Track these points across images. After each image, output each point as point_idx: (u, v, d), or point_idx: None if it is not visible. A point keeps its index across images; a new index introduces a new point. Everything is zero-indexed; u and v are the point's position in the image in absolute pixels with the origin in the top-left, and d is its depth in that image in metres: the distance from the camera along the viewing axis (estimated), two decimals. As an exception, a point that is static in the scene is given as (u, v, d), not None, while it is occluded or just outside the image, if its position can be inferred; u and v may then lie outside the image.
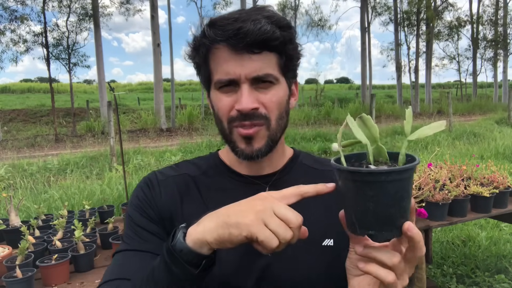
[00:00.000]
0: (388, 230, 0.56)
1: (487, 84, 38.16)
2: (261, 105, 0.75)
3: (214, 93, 0.78)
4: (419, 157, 0.58)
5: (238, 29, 0.69)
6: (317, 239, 0.79)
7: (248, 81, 0.73)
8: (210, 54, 0.75)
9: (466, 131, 10.51)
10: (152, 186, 0.83)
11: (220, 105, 0.76)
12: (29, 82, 39.47)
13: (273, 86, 0.76)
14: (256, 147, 0.76)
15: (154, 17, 13.83)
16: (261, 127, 0.75)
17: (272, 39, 0.71)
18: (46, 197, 4.76)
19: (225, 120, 0.77)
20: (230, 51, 0.72)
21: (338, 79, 74.88)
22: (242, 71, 0.72)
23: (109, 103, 7.85)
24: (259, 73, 0.73)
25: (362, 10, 21.18)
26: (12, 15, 13.56)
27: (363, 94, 20.48)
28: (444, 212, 2.17)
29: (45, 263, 1.52)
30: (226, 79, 0.74)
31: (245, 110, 0.73)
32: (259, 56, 0.72)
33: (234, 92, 0.75)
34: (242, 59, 0.72)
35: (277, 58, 0.75)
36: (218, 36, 0.71)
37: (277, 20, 0.72)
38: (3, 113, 18.23)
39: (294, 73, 0.82)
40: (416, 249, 0.57)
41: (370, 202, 0.54)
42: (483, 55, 27.03)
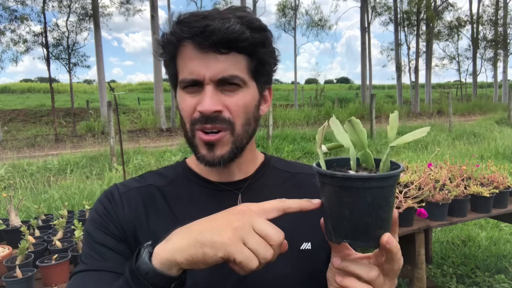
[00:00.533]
0: (364, 240, 0.54)
1: (487, 84, 38.16)
2: (225, 108, 0.70)
3: (179, 93, 0.74)
4: (403, 165, 0.55)
5: (205, 26, 0.66)
6: (295, 243, 0.76)
7: (213, 83, 0.69)
8: (177, 52, 0.72)
9: (466, 131, 10.51)
10: (113, 199, 0.76)
11: (183, 106, 0.73)
12: (29, 82, 39.47)
13: (240, 89, 0.71)
14: (218, 154, 0.71)
15: (154, 17, 13.83)
16: (225, 132, 0.71)
17: (240, 40, 0.67)
18: (46, 197, 4.76)
19: (188, 122, 0.73)
20: (196, 50, 0.69)
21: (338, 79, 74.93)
22: (206, 72, 0.68)
23: (109, 103, 7.85)
24: (224, 75, 0.69)
25: (362, 10, 21.18)
26: (12, 15, 13.57)
27: (363, 94, 20.48)
28: (444, 212, 2.17)
29: (45, 263, 1.52)
30: (189, 78, 0.70)
31: (207, 112, 0.69)
32: (226, 56, 0.69)
33: (198, 93, 0.71)
34: (207, 59, 0.68)
35: (247, 60, 0.71)
36: (184, 32, 0.68)
37: (249, 21, 0.68)
38: (3, 113, 18.23)
39: (267, 78, 0.77)
40: (393, 261, 0.55)
41: (346, 209, 0.52)
42: (483, 55, 27.05)
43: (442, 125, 12.32)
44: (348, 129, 0.57)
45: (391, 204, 0.54)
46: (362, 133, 0.56)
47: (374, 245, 0.54)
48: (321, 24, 25.35)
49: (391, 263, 0.55)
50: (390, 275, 0.58)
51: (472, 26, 25.64)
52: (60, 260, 1.54)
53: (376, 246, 0.54)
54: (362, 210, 0.52)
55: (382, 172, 0.55)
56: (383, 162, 0.55)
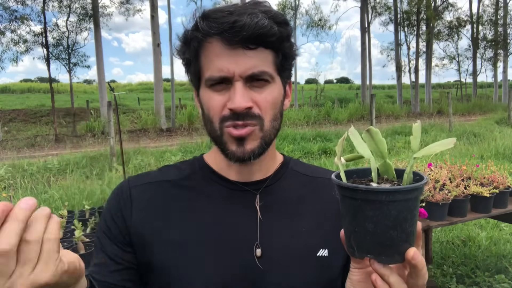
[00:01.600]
0: (389, 255, 0.52)
1: (487, 84, 38.16)
2: (255, 104, 0.69)
3: (204, 91, 0.72)
4: (427, 177, 0.53)
5: (234, 22, 0.64)
6: (312, 249, 0.75)
7: (242, 79, 0.68)
8: (201, 49, 0.70)
9: (466, 131, 10.51)
10: (122, 197, 0.76)
11: (211, 104, 0.71)
12: (29, 82, 39.48)
13: (268, 85, 0.71)
14: (248, 149, 0.70)
15: (154, 17, 13.83)
16: (254, 127, 0.69)
17: (269, 35, 0.66)
18: (46, 197, 4.76)
19: (216, 120, 0.71)
20: (223, 46, 0.67)
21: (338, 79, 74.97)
22: (236, 68, 0.67)
23: (109, 103, 7.85)
24: (254, 71, 0.68)
25: (362, 10, 21.18)
26: (12, 15, 13.57)
27: (363, 94, 20.48)
28: (444, 212, 2.17)
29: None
30: (218, 76, 0.68)
31: (239, 109, 0.67)
32: (254, 52, 0.67)
33: (226, 90, 0.69)
34: (236, 55, 0.67)
35: (273, 55, 0.70)
36: (212, 29, 0.66)
37: (274, 15, 0.68)
38: (3, 113, 18.24)
39: (289, 72, 0.77)
40: (418, 277, 0.53)
41: (370, 223, 0.50)
42: (483, 55, 27.05)
43: (442, 125, 12.32)
44: (366, 139, 0.55)
45: (416, 217, 0.52)
46: (382, 143, 0.54)
47: (399, 260, 0.52)
48: (321, 24, 25.37)
49: (416, 278, 0.54)
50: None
51: (472, 26, 25.65)
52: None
53: (401, 261, 0.52)
54: (387, 224, 0.50)
55: (405, 183, 0.53)
56: (406, 174, 0.53)
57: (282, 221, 0.75)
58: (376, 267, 0.53)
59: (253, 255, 0.71)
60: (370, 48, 21.69)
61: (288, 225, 0.75)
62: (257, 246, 0.71)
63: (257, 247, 0.71)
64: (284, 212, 0.76)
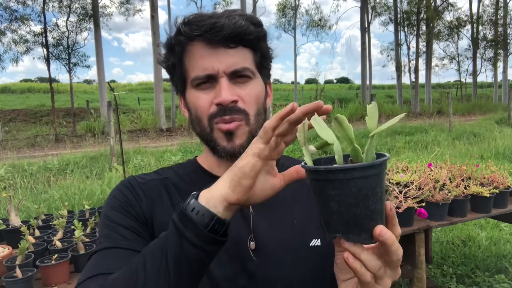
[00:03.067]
0: (356, 233, 0.53)
1: (487, 84, 38.14)
2: (240, 99, 0.73)
3: (190, 92, 0.76)
4: (388, 155, 0.54)
5: (214, 23, 0.69)
6: (305, 240, 0.77)
7: (227, 76, 0.73)
8: (185, 53, 0.75)
9: (466, 131, 10.51)
10: (132, 188, 0.78)
11: (199, 103, 0.75)
12: (29, 82, 39.46)
13: (251, 81, 0.76)
14: (238, 143, 0.74)
15: (154, 17, 13.83)
16: (241, 122, 0.73)
17: (247, 33, 0.72)
18: (46, 197, 4.76)
19: (205, 117, 0.74)
20: (206, 46, 0.72)
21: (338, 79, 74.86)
22: (220, 66, 0.72)
23: (109, 103, 7.85)
24: (237, 67, 0.73)
25: (362, 10, 21.19)
26: (12, 15, 13.57)
27: (363, 94, 20.48)
28: (444, 212, 2.17)
29: (45, 263, 1.52)
30: (203, 74, 0.73)
31: (225, 102, 0.71)
32: (235, 50, 0.73)
33: (212, 89, 0.74)
34: (218, 54, 0.72)
35: (252, 54, 0.76)
36: (193, 31, 0.71)
37: (250, 17, 0.74)
38: (3, 113, 18.23)
39: (268, 72, 0.82)
40: (390, 253, 0.54)
41: (333, 202, 0.52)
42: (483, 55, 27.03)
43: (442, 125, 12.32)
44: (335, 127, 0.56)
45: (380, 195, 0.53)
46: (349, 129, 0.55)
47: (367, 237, 0.53)
48: (321, 24, 25.37)
49: (388, 255, 0.54)
50: (391, 266, 0.57)
51: (472, 26, 25.64)
52: (60, 260, 1.54)
53: (369, 238, 0.53)
54: (349, 202, 0.51)
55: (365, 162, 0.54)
56: (365, 153, 0.54)
57: (274, 214, 0.78)
58: (346, 246, 0.54)
59: (248, 248, 0.74)
60: (370, 48, 21.69)
61: (280, 218, 0.78)
62: (251, 240, 0.75)
63: (251, 240, 0.74)
64: (275, 206, 0.78)
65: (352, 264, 0.54)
